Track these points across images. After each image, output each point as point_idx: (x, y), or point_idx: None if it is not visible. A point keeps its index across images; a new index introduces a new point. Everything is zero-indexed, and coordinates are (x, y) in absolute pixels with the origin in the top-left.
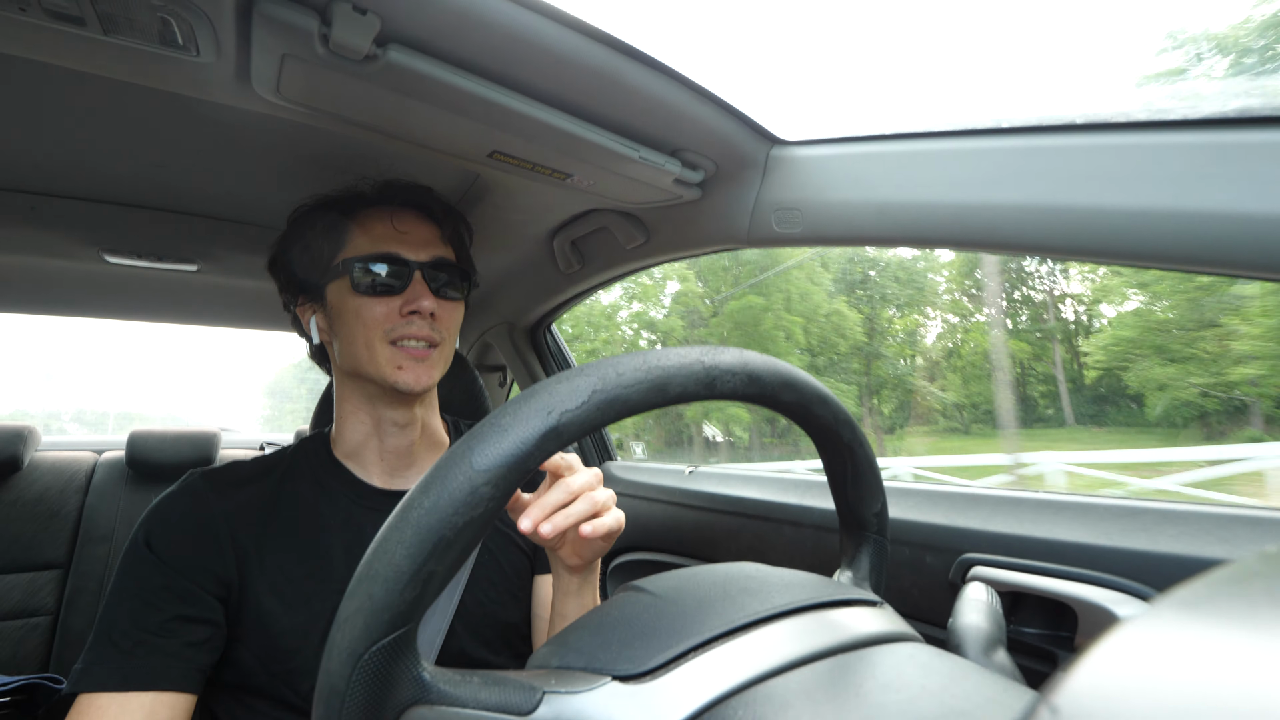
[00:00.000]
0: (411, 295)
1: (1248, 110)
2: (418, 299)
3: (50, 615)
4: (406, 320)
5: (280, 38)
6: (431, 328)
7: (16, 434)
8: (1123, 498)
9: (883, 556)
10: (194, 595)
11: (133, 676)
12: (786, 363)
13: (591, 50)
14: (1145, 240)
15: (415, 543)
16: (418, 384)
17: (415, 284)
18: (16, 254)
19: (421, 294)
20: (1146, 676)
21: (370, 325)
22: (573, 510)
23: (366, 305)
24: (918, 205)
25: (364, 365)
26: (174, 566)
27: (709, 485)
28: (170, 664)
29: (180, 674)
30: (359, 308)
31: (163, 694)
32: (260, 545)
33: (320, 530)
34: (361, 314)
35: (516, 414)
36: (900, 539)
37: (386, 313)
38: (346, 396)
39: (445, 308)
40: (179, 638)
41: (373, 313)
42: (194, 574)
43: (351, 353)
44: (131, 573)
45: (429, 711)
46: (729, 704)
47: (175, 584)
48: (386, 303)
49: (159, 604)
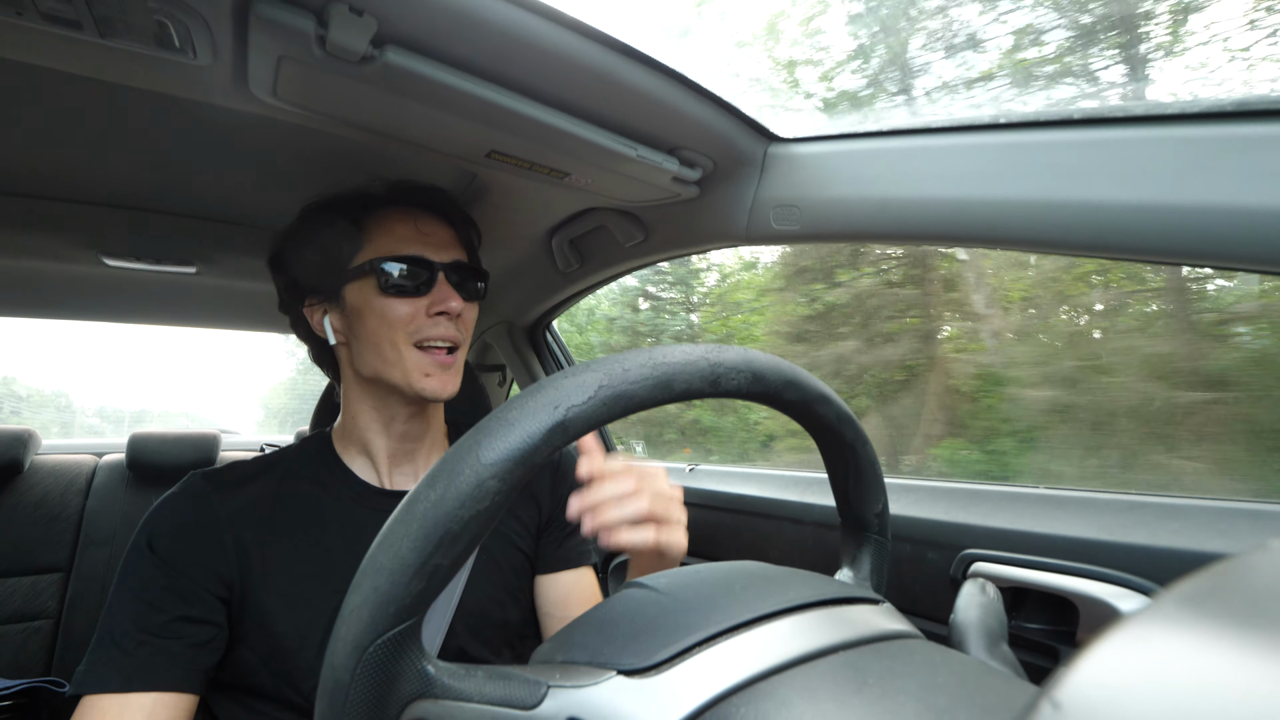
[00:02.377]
0: (439, 296)
1: (1246, 103)
2: (445, 300)
3: (52, 619)
4: (433, 321)
5: (277, 40)
6: (456, 328)
7: (17, 437)
8: (1124, 492)
9: (884, 557)
10: (196, 596)
11: (135, 677)
12: (789, 362)
13: (588, 49)
14: (1145, 234)
15: (421, 536)
16: (444, 391)
17: (440, 285)
18: (14, 257)
19: (448, 295)
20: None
21: (395, 326)
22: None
23: (391, 306)
24: (916, 201)
25: (387, 369)
26: (176, 567)
27: (710, 483)
28: (172, 664)
29: (182, 674)
30: (384, 308)
31: (164, 694)
32: (262, 545)
33: (322, 530)
34: (386, 315)
35: (523, 408)
36: (902, 535)
37: (412, 313)
38: (358, 398)
39: (468, 309)
40: (181, 639)
41: (398, 313)
42: (196, 574)
43: (373, 355)
44: (133, 574)
45: (433, 705)
46: (732, 701)
47: (177, 585)
48: (412, 303)
49: (161, 605)
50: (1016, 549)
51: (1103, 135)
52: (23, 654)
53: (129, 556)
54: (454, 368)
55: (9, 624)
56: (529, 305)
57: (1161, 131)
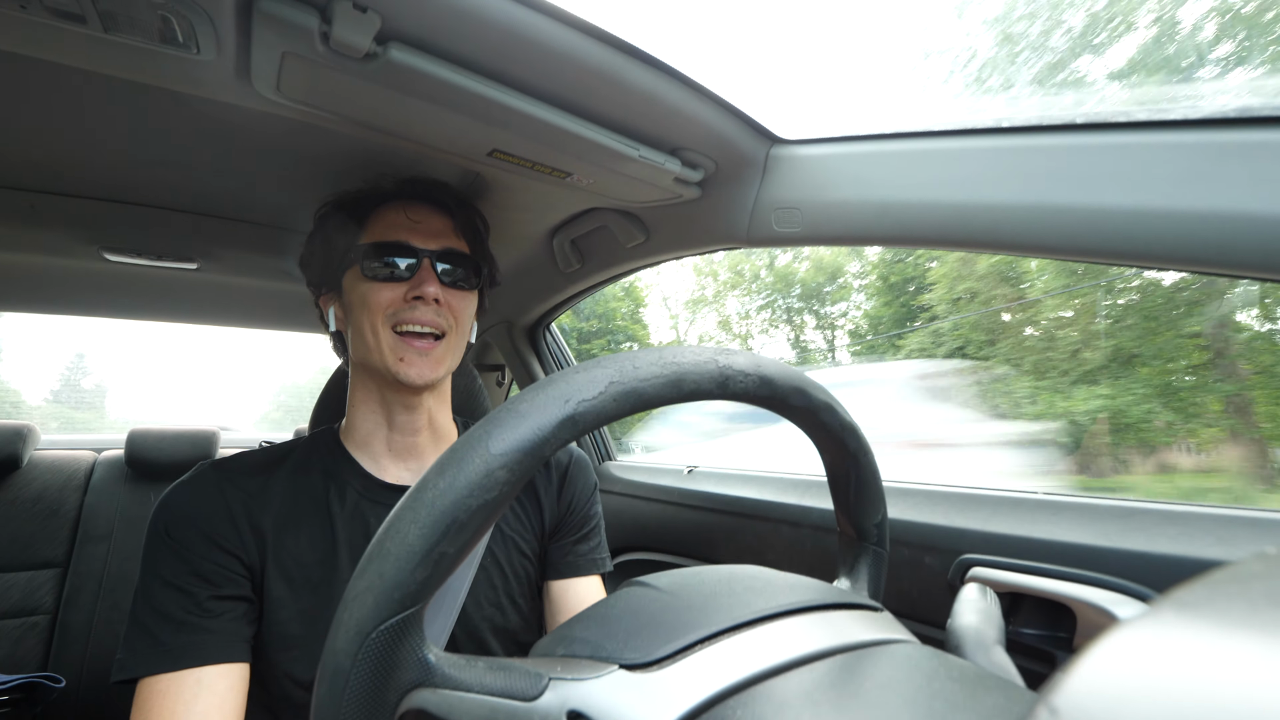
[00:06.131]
0: (417, 281)
1: (1248, 110)
2: (423, 284)
3: (49, 614)
4: (411, 306)
5: (281, 36)
6: (438, 313)
7: (15, 432)
8: (1122, 498)
9: (881, 567)
10: (222, 577)
11: (183, 656)
12: (798, 369)
13: (591, 49)
14: (1148, 240)
15: (429, 522)
16: (420, 378)
17: (423, 271)
18: (17, 252)
19: (428, 279)
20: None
21: (375, 310)
22: None
23: (374, 290)
24: (918, 205)
25: (370, 354)
26: (197, 552)
27: (708, 485)
28: (217, 639)
29: (228, 645)
30: (367, 293)
31: (217, 667)
32: (272, 533)
33: (329, 521)
34: (368, 299)
35: (534, 401)
36: (899, 539)
37: (392, 298)
38: (358, 387)
39: (454, 296)
40: (221, 615)
41: (379, 298)
42: (218, 558)
43: (360, 341)
44: (158, 563)
45: (433, 694)
46: (731, 700)
47: (201, 569)
48: (394, 289)
49: (191, 589)
50: (1014, 554)
51: (1106, 140)
52: (19, 649)
53: (149, 545)
54: (433, 356)
55: (6, 619)
56: (529, 305)
57: (1165, 137)
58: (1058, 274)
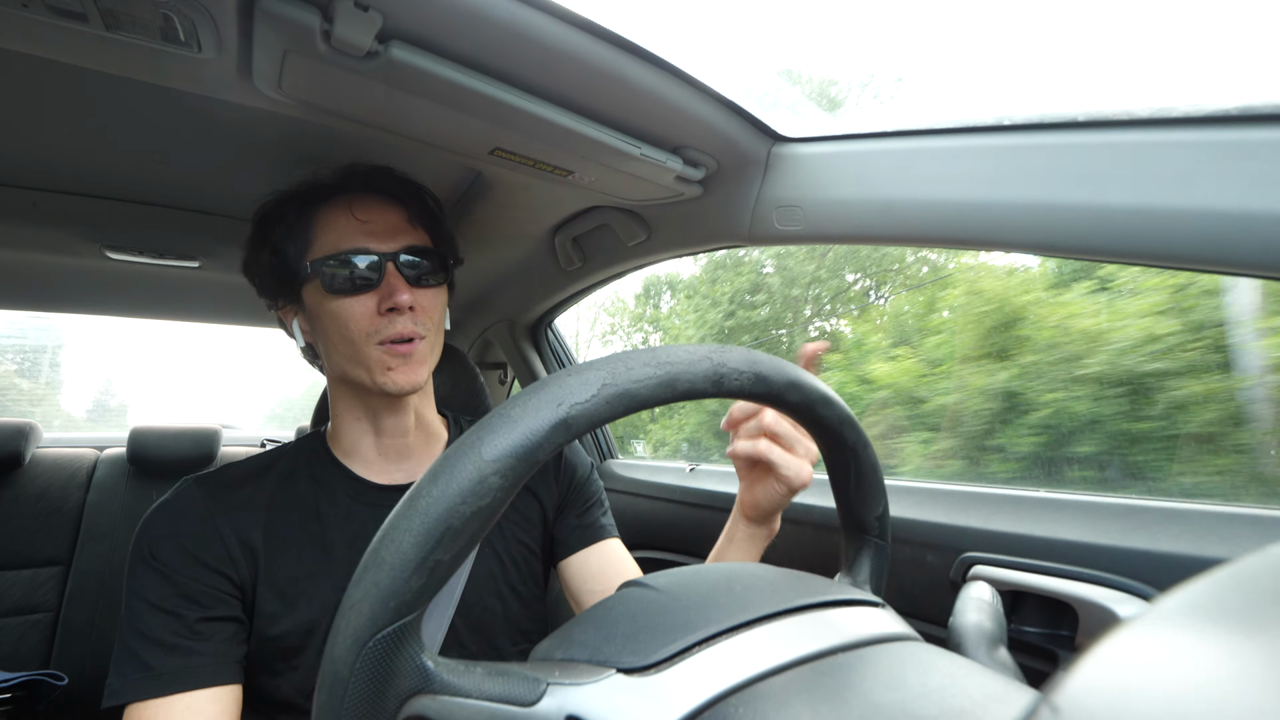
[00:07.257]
0: (387, 291)
1: (1251, 108)
2: (394, 294)
3: (51, 612)
4: (388, 320)
5: (282, 34)
6: (414, 321)
7: (18, 430)
8: (1123, 496)
9: (883, 561)
10: (210, 597)
11: (173, 681)
12: (792, 364)
13: (593, 47)
14: (1149, 239)
15: (423, 531)
16: (409, 384)
17: (389, 277)
18: (18, 250)
19: (398, 288)
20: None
21: (351, 326)
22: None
23: (343, 307)
24: (920, 203)
25: (352, 369)
26: (183, 574)
27: (710, 483)
28: (207, 662)
29: (219, 669)
30: (335, 310)
31: (207, 690)
32: (263, 545)
33: (321, 528)
34: (339, 316)
35: (526, 405)
36: (901, 538)
37: (364, 312)
38: (339, 396)
39: (425, 297)
40: (210, 638)
41: (351, 313)
42: (205, 578)
43: (337, 356)
44: (144, 586)
45: (432, 701)
46: (731, 701)
47: (188, 591)
48: (362, 301)
49: (179, 611)
50: (1016, 552)
51: (1108, 138)
52: (22, 647)
53: (134, 568)
54: (415, 357)
55: (8, 616)
56: (531, 303)
57: (1167, 135)
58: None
